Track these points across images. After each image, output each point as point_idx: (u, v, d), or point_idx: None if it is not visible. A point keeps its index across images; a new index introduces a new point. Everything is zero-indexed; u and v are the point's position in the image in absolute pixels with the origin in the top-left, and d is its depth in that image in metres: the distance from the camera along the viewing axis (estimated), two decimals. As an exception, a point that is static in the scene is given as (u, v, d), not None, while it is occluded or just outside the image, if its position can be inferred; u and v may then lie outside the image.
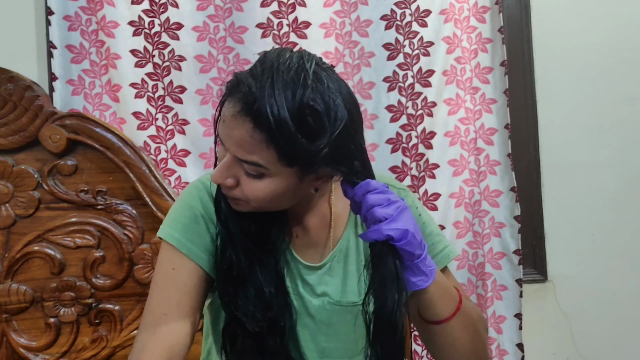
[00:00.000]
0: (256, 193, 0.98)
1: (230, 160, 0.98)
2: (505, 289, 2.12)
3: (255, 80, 0.92)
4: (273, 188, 0.98)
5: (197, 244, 1.10)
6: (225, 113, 0.96)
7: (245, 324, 1.04)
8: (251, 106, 0.91)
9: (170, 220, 1.14)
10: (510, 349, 2.12)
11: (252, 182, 0.97)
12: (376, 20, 2.06)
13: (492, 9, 2.10)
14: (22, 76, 1.67)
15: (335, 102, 0.93)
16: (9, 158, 1.70)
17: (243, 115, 0.92)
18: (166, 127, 2.01)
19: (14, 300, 1.70)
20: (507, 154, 2.10)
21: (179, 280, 1.08)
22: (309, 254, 1.15)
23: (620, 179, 2.25)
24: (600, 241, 2.25)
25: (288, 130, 0.89)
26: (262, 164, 0.94)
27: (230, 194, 1.02)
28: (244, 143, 0.93)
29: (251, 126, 0.91)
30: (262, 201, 0.99)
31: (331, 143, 0.92)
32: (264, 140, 0.91)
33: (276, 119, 0.89)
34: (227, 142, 0.96)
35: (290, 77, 0.91)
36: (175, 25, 2.00)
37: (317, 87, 0.92)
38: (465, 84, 2.10)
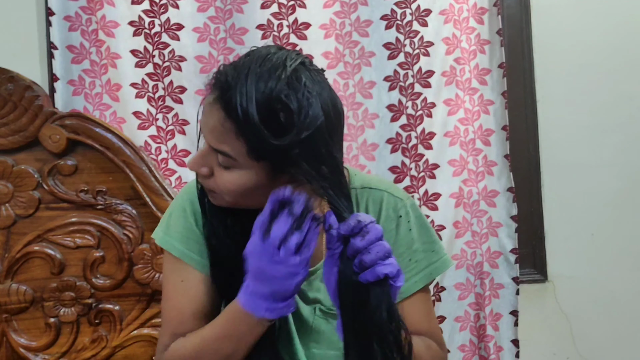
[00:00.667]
0: (226, 185, 0.98)
1: (206, 149, 0.98)
2: (502, 287, 2.12)
3: (234, 70, 0.93)
4: (243, 182, 0.97)
5: (199, 252, 1.11)
6: (205, 101, 0.98)
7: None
8: (224, 95, 0.92)
9: (167, 227, 1.15)
10: (505, 344, 2.12)
11: (223, 173, 0.97)
12: (376, 20, 2.06)
13: (490, 10, 2.10)
14: (22, 76, 1.67)
15: (310, 101, 0.92)
16: (9, 158, 1.70)
17: (217, 103, 0.93)
18: (166, 128, 2.01)
19: (14, 300, 1.70)
20: (504, 155, 2.11)
21: (190, 291, 1.11)
22: None
23: (620, 179, 2.25)
24: (600, 241, 2.25)
25: (253, 121, 0.89)
26: (232, 154, 0.94)
27: (205, 184, 1.02)
28: (216, 131, 0.94)
29: (223, 115, 0.92)
30: (233, 194, 0.99)
31: (302, 144, 0.91)
32: (234, 130, 0.92)
33: (243, 109, 0.89)
34: (204, 129, 0.98)
35: (266, 70, 0.92)
36: (176, 26, 2.00)
37: (292, 84, 0.92)
38: (465, 85, 2.10)
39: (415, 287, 1.13)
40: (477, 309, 2.12)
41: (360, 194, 1.16)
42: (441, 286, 2.11)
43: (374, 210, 1.15)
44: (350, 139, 2.05)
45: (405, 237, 1.13)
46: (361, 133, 2.06)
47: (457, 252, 2.11)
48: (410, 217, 1.15)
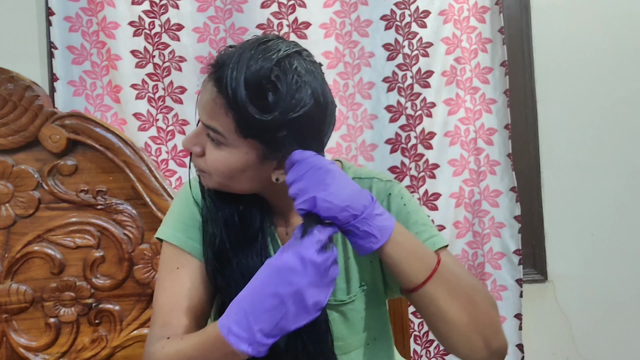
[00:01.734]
0: (215, 164, 1.00)
1: (200, 128, 1.01)
2: (505, 289, 2.12)
3: (231, 50, 0.97)
4: (231, 161, 0.98)
5: (198, 241, 1.12)
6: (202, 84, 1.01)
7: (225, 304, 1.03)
8: (217, 71, 0.95)
9: (169, 220, 1.15)
10: (510, 349, 2.12)
11: (213, 152, 0.99)
12: (376, 21, 2.07)
13: (492, 9, 2.10)
14: (22, 76, 1.67)
15: (299, 85, 0.94)
16: (9, 158, 1.70)
17: (211, 80, 0.97)
18: (167, 128, 2.01)
19: (14, 300, 1.70)
20: (507, 154, 2.11)
21: (185, 277, 1.10)
22: None
23: (620, 179, 2.25)
24: (600, 241, 2.25)
25: (241, 97, 0.92)
26: (220, 130, 0.96)
27: (196, 164, 1.04)
28: (208, 107, 0.97)
29: (215, 90, 0.95)
30: (221, 175, 1.00)
31: (288, 126, 0.94)
32: (224, 106, 0.94)
33: (232, 85, 0.92)
34: (198, 107, 1.00)
35: (260, 51, 0.94)
36: (176, 26, 2.01)
37: (283, 67, 0.94)
38: (465, 84, 2.10)
39: None
40: (479, 310, 2.12)
41: None
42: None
43: None
44: (349, 140, 2.06)
45: (400, 212, 1.13)
46: (360, 133, 2.06)
47: (458, 253, 2.11)
48: (403, 194, 1.16)
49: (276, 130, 0.94)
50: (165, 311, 1.07)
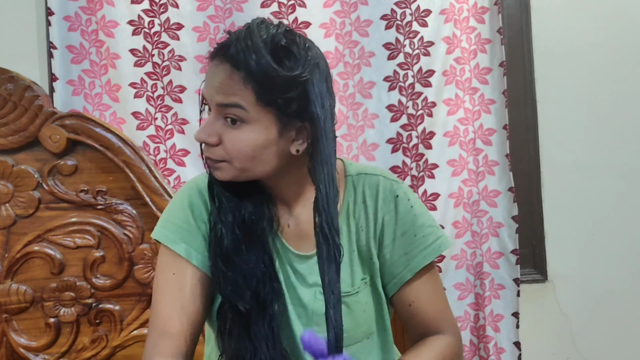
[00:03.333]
0: (238, 145, 1.00)
1: (214, 117, 1.02)
2: (503, 288, 2.12)
3: (235, 33, 1.00)
4: (254, 138, 1.00)
5: (193, 245, 1.12)
6: (207, 72, 1.03)
7: (235, 303, 1.05)
8: (227, 52, 0.98)
9: (164, 221, 1.16)
10: (507, 347, 2.12)
11: (233, 133, 1.00)
12: (376, 20, 2.06)
13: (491, 9, 2.10)
14: (22, 76, 1.67)
15: (308, 46, 1.02)
16: (9, 158, 1.69)
17: (222, 62, 0.99)
18: (165, 127, 2.01)
19: (14, 300, 1.70)
20: (505, 155, 2.11)
21: (181, 283, 1.10)
22: (300, 244, 1.15)
23: (620, 179, 2.25)
24: (600, 241, 2.26)
25: (264, 61, 0.95)
26: (242, 104, 0.98)
27: (213, 154, 1.03)
28: (224, 86, 0.99)
29: (229, 67, 0.98)
30: (244, 157, 1.01)
31: (306, 86, 0.99)
32: (242, 78, 0.97)
33: (252, 54, 0.95)
34: (210, 92, 1.01)
35: (264, 26, 0.99)
36: (176, 25, 2.00)
37: (289, 35, 1.00)
38: (465, 84, 2.10)
39: (425, 261, 1.15)
40: (477, 309, 2.12)
41: (356, 180, 1.18)
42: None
43: (371, 194, 1.17)
44: (350, 139, 2.06)
45: (407, 215, 1.16)
46: (361, 133, 2.06)
47: (456, 252, 2.11)
48: (409, 196, 1.18)
49: (295, 89, 0.98)
50: (164, 318, 1.09)
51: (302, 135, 1.03)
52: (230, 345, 1.07)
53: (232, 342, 1.06)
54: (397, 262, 1.15)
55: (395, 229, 1.15)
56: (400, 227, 1.15)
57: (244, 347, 1.05)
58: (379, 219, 1.16)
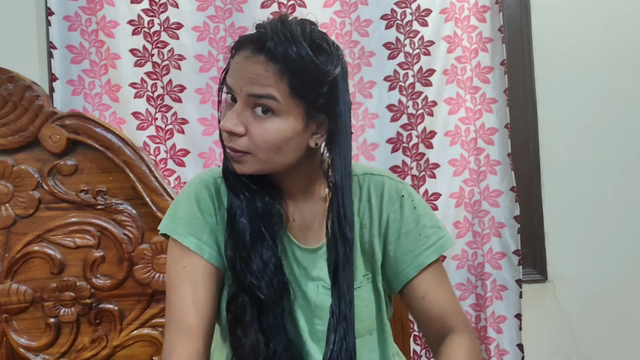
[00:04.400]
0: (266, 136, 1.02)
1: (241, 107, 1.03)
2: (505, 289, 2.11)
3: (265, 27, 1.02)
4: (283, 129, 1.02)
5: (202, 239, 1.14)
6: (234, 63, 1.04)
7: (255, 292, 1.07)
8: (263, 45, 1.00)
9: (171, 216, 1.17)
10: (510, 349, 2.12)
11: (262, 124, 1.02)
12: (376, 20, 2.06)
13: (492, 8, 2.09)
14: (22, 76, 1.67)
15: (336, 45, 1.06)
16: (9, 158, 1.70)
17: (256, 54, 1.01)
18: (165, 127, 2.01)
19: (14, 300, 1.70)
20: (507, 154, 2.10)
21: (192, 277, 1.12)
22: (304, 238, 1.18)
23: (620, 179, 2.25)
24: (600, 241, 2.25)
25: (305, 52, 0.99)
26: (276, 96, 1.00)
27: (237, 145, 1.04)
28: (259, 77, 1.00)
29: (264, 59, 1.00)
30: (270, 147, 1.03)
31: (333, 83, 1.04)
32: (278, 71, 0.99)
33: (292, 48, 0.99)
34: (240, 83, 1.02)
35: (299, 22, 1.04)
36: (175, 25, 2.00)
37: (321, 33, 1.05)
38: (466, 84, 2.10)
39: (428, 260, 1.17)
40: (478, 310, 2.12)
41: (362, 180, 1.21)
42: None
43: (376, 193, 1.20)
44: (350, 139, 2.05)
45: (411, 215, 1.19)
46: (361, 133, 2.06)
47: (457, 253, 2.11)
48: (413, 197, 1.22)
49: (326, 84, 1.03)
50: (178, 313, 1.11)
51: (322, 129, 1.08)
52: (242, 337, 1.09)
53: (247, 334, 1.08)
54: (401, 259, 1.18)
55: (400, 227, 1.19)
56: (404, 226, 1.19)
57: (257, 338, 1.07)
58: (384, 217, 1.19)
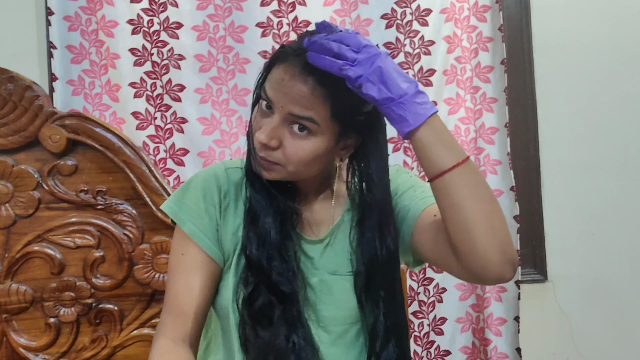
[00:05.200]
0: (300, 153, 1.05)
1: (278, 122, 1.04)
2: (504, 290, 2.12)
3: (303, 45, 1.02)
4: (315, 148, 1.05)
5: (201, 227, 1.17)
6: (280, 75, 1.03)
7: (280, 287, 1.12)
8: (313, 67, 0.98)
9: (176, 199, 1.20)
10: (509, 352, 2.12)
11: (297, 142, 1.05)
12: (376, 20, 2.06)
13: (492, 7, 2.10)
14: (22, 76, 1.66)
15: None
16: (9, 158, 1.69)
17: (305, 74, 1.01)
18: (165, 126, 2.01)
19: (14, 300, 1.69)
20: (507, 153, 2.11)
21: (188, 264, 1.17)
22: (309, 230, 1.21)
23: (620, 179, 2.26)
24: (600, 241, 2.26)
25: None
26: (317, 119, 1.02)
27: (270, 157, 1.07)
28: (304, 100, 1.01)
29: (313, 83, 1.00)
30: (301, 163, 1.06)
31: (367, 113, 1.05)
32: (323, 95, 1.01)
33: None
34: (282, 100, 1.03)
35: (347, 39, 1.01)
36: (175, 24, 2.00)
37: None
38: (466, 84, 2.10)
39: (429, 201, 1.15)
40: (478, 310, 2.12)
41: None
42: (442, 287, 2.11)
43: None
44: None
45: (407, 181, 1.24)
46: (362, 132, 2.06)
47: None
48: (407, 171, 1.29)
49: (364, 112, 1.06)
50: (172, 298, 1.17)
51: (350, 147, 1.11)
52: (268, 333, 1.11)
53: (275, 330, 1.11)
54: (403, 209, 1.19)
55: (397, 190, 1.21)
56: (400, 189, 1.22)
57: (282, 333, 1.11)
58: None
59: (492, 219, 1.02)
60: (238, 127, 2.04)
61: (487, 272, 1.01)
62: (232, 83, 2.04)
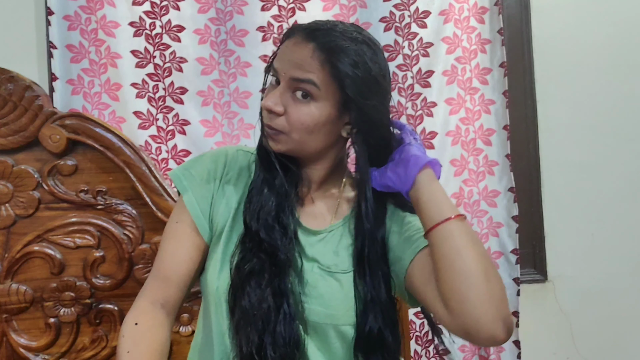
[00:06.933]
0: (302, 118, 1.10)
1: (283, 88, 1.11)
2: (502, 287, 2.12)
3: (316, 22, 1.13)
4: (318, 113, 1.10)
5: (197, 197, 1.22)
6: (284, 47, 1.13)
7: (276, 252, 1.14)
8: (316, 35, 1.09)
9: (184, 168, 1.25)
10: (507, 346, 2.12)
11: (300, 107, 1.10)
12: (375, 23, 2.07)
13: (491, 9, 2.10)
14: (22, 76, 1.67)
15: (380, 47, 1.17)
16: (9, 158, 1.70)
17: (306, 41, 1.09)
18: (167, 128, 2.01)
19: (14, 300, 1.70)
20: (505, 155, 2.11)
21: (178, 232, 1.21)
22: (307, 222, 1.22)
23: (620, 179, 2.25)
24: (600, 241, 2.25)
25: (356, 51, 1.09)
26: (316, 82, 1.08)
27: (274, 124, 1.12)
28: (304, 63, 1.08)
29: (313, 47, 1.08)
30: (305, 130, 1.11)
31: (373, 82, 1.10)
32: (321, 60, 1.07)
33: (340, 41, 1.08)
34: (285, 67, 1.10)
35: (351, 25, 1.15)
36: (177, 27, 2.01)
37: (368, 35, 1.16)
38: (466, 84, 2.10)
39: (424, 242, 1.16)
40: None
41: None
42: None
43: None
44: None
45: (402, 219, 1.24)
46: (361, 134, 2.07)
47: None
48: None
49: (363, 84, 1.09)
50: (158, 262, 1.21)
51: (353, 122, 1.14)
52: (253, 295, 1.12)
53: (261, 292, 1.12)
54: (397, 248, 1.20)
55: (390, 229, 1.23)
56: (394, 228, 1.22)
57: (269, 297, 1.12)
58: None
59: (488, 271, 1.03)
60: (239, 129, 2.05)
61: (479, 326, 1.00)
62: (233, 86, 2.04)
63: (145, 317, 1.17)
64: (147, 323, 1.16)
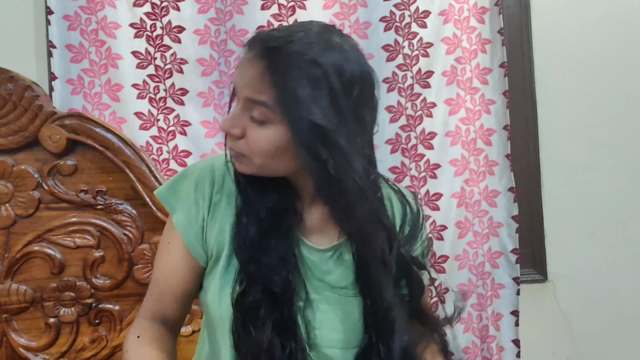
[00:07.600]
0: (259, 143, 1.00)
1: (240, 109, 1.02)
2: (502, 287, 2.12)
3: (277, 32, 1.01)
4: (275, 138, 0.99)
5: (187, 217, 1.15)
6: (241, 61, 1.02)
7: (269, 285, 1.06)
8: (267, 51, 0.97)
9: (172, 185, 1.18)
10: (507, 345, 2.12)
11: (257, 130, 1.00)
12: (375, 22, 2.07)
13: (491, 10, 2.10)
14: (22, 76, 1.68)
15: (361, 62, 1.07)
16: (9, 158, 1.70)
17: (258, 58, 0.98)
18: (168, 128, 2.01)
19: (14, 300, 1.70)
20: (505, 155, 2.11)
21: (171, 254, 1.16)
22: (311, 239, 1.15)
23: (620, 179, 2.25)
24: (600, 241, 2.25)
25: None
26: (269, 104, 0.97)
27: (236, 147, 1.04)
28: (254, 82, 0.98)
29: (264, 67, 0.97)
30: (264, 155, 1.01)
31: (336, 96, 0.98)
32: (268, 82, 0.97)
33: (292, 61, 0.96)
34: (239, 84, 1.02)
35: (314, 36, 1.00)
36: (177, 28, 2.01)
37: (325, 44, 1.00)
38: (466, 84, 2.10)
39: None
40: (480, 309, 2.12)
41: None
42: (444, 287, 2.10)
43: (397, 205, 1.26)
44: (349, 140, 2.06)
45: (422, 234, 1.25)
46: (360, 134, 2.07)
47: (459, 253, 2.11)
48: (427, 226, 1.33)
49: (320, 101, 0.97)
50: (153, 281, 1.18)
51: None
52: (255, 334, 1.05)
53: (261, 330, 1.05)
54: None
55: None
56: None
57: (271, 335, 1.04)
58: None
59: None
60: (240, 130, 2.05)
61: None
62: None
63: (147, 331, 1.13)
64: (150, 336, 1.12)
